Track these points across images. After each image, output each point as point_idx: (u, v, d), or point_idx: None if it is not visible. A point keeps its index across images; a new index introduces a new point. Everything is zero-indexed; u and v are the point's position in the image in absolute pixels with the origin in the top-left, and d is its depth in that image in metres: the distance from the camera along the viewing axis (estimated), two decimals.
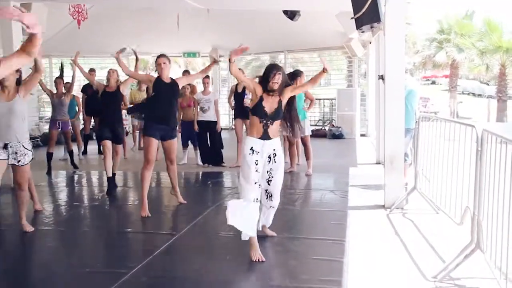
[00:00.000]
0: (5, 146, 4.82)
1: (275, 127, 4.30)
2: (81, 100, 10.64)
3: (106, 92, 7.08)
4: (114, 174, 7.07)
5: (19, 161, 4.87)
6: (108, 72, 7.31)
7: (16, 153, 4.85)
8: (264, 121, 4.23)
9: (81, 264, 4.23)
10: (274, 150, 4.29)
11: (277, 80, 4.21)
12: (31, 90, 5.12)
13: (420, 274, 3.82)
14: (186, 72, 10.57)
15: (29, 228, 5.06)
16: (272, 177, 4.35)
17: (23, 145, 4.89)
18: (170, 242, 4.66)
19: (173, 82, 5.83)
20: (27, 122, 4.98)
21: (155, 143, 5.71)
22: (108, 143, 6.89)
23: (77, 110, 10.30)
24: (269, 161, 4.29)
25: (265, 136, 4.23)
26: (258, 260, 4.06)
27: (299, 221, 5.62)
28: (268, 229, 4.73)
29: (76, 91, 10.94)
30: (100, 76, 18.97)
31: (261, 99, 4.25)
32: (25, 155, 4.90)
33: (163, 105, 5.71)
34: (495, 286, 3.43)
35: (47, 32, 9.26)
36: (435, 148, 5.22)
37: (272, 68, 4.29)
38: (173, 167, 6.04)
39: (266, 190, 4.41)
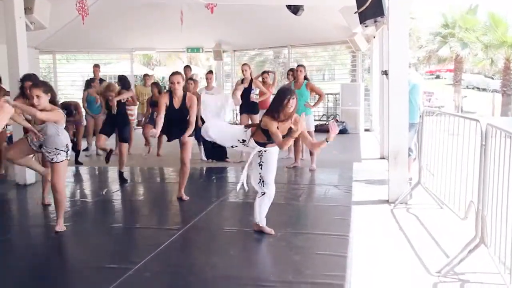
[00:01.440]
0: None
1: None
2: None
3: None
4: (121, 172, 7.29)
5: (52, 158, 4.85)
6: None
7: (49, 152, 4.86)
8: (268, 143, 4.41)
9: (85, 259, 4.25)
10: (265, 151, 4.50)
11: (292, 105, 4.20)
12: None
13: (424, 269, 3.82)
14: (187, 68, 10.56)
15: (59, 227, 4.95)
16: (263, 162, 4.51)
17: (55, 148, 4.86)
18: (174, 237, 4.67)
19: (184, 107, 5.85)
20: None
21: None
22: (103, 137, 7.15)
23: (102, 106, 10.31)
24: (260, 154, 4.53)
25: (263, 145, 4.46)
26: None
27: (303, 216, 5.63)
28: (263, 227, 4.70)
29: (80, 86, 10.99)
30: (104, 72, 19.09)
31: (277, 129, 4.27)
32: (58, 154, 4.84)
33: (170, 125, 5.83)
34: (499, 280, 3.43)
35: (50, 28, 9.24)
36: (439, 142, 5.20)
37: (286, 93, 4.26)
38: (185, 168, 6.03)
39: (260, 174, 4.55)
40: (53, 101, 4.85)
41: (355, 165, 8.29)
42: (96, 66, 11.11)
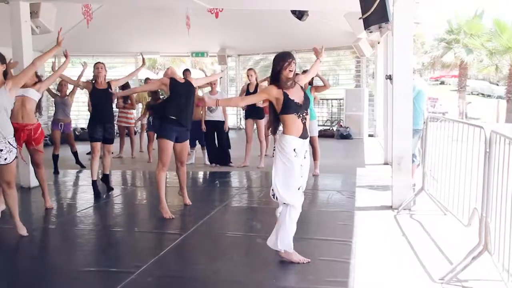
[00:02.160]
0: None
1: (308, 121, 4.07)
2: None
3: (97, 90, 6.77)
4: (106, 175, 6.96)
5: (5, 159, 4.59)
6: (96, 68, 6.86)
7: (1, 150, 4.56)
8: (302, 115, 3.90)
9: (88, 263, 4.26)
10: (306, 151, 4.02)
11: (292, 68, 3.94)
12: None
13: (427, 275, 3.80)
14: (186, 71, 10.57)
15: (23, 231, 4.85)
16: (304, 172, 4.05)
17: (8, 141, 4.62)
18: (177, 241, 4.67)
19: (188, 82, 5.85)
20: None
21: (170, 145, 5.56)
22: (98, 145, 6.70)
23: None
24: (304, 157, 4.03)
25: (305, 134, 3.94)
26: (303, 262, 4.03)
27: (305, 222, 5.58)
28: None
29: (84, 90, 10.99)
30: (109, 76, 19.10)
31: (286, 94, 3.89)
32: (10, 152, 4.61)
33: (180, 105, 5.59)
34: None
35: (56, 32, 9.27)
36: (443, 149, 5.19)
37: (286, 56, 3.96)
38: (183, 168, 6.01)
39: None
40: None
41: (358, 170, 8.28)
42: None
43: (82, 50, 14.98)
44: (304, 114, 3.93)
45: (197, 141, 9.17)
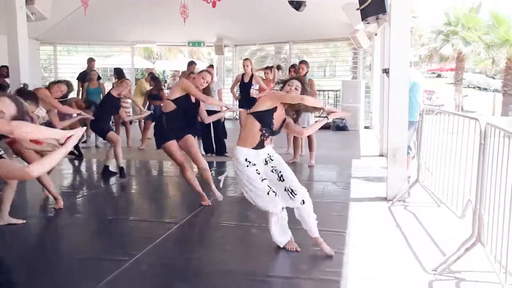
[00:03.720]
0: None
1: (269, 139, 4.07)
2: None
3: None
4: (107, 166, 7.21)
5: None
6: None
7: None
8: (265, 135, 3.92)
9: (82, 251, 4.26)
10: (266, 158, 4.01)
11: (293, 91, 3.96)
12: None
13: (420, 266, 3.83)
14: (192, 64, 10.54)
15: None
16: (280, 171, 4.01)
17: None
18: (171, 231, 4.68)
19: (198, 103, 5.54)
20: None
21: (175, 144, 5.39)
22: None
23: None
24: (266, 163, 4.01)
25: (260, 146, 3.93)
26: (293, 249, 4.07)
27: None
28: (321, 242, 4.05)
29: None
30: (105, 65, 19.01)
31: (275, 109, 3.89)
32: None
33: (181, 123, 5.41)
34: (495, 279, 3.43)
35: (52, 19, 9.23)
36: (438, 141, 5.20)
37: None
38: (201, 166, 5.61)
39: (285, 188, 3.97)
40: None
41: (354, 162, 8.30)
42: (92, 60, 11.16)
43: (78, 38, 14.96)
44: (267, 136, 3.94)
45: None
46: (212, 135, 8.92)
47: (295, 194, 3.93)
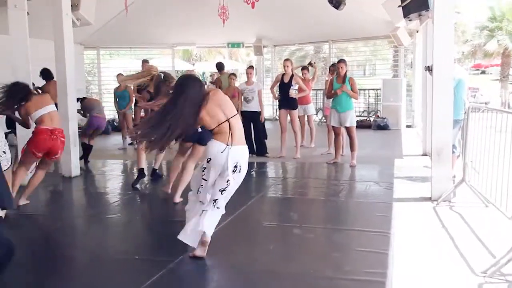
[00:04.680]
0: None
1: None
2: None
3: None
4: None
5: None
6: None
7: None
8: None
9: (128, 251, 4.34)
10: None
11: None
12: None
13: (468, 268, 3.72)
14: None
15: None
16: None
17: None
18: (214, 231, 4.70)
19: None
20: None
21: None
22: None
23: (129, 101, 10.49)
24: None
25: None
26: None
27: (343, 213, 5.58)
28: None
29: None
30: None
31: None
32: None
33: None
34: None
35: (96, 24, 9.47)
36: (485, 139, 5.05)
37: None
38: None
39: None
40: None
41: (396, 161, 8.16)
42: (146, 61, 11.36)
43: (120, 42, 15.30)
44: None
45: None
46: (253, 136, 8.94)
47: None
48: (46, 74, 8.90)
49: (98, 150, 8.84)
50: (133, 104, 10.26)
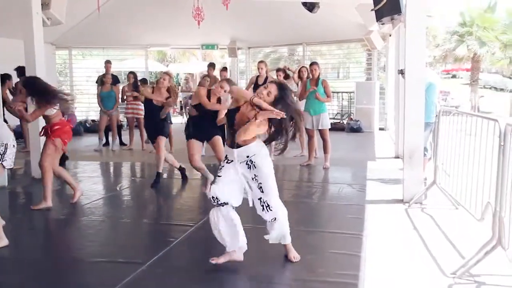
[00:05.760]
0: None
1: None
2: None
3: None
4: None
5: None
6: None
7: None
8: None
9: (98, 254, 4.27)
10: (247, 157, 3.84)
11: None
12: None
13: (438, 270, 3.77)
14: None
15: None
16: (260, 182, 3.92)
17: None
18: (187, 233, 4.68)
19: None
20: None
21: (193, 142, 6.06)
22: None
23: (115, 102, 10.35)
24: (249, 168, 3.88)
25: (233, 145, 3.83)
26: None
27: (316, 215, 5.60)
28: (290, 248, 4.04)
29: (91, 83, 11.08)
30: (119, 68, 19.13)
31: (238, 109, 3.90)
32: None
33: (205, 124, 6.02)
34: None
35: (67, 24, 9.30)
36: (455, 142, 5.13)
37: None
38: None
39: (261, 199, 4.00)
40: None
41: (369, 164, 8.24)
42: (108, 63, 11.21)
43: (92, 42, 15.06)
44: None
45: None
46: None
47: (270, 210, 3.94)
48: (22, 71, 8.71)
49: (70, 152, 8.66)
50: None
